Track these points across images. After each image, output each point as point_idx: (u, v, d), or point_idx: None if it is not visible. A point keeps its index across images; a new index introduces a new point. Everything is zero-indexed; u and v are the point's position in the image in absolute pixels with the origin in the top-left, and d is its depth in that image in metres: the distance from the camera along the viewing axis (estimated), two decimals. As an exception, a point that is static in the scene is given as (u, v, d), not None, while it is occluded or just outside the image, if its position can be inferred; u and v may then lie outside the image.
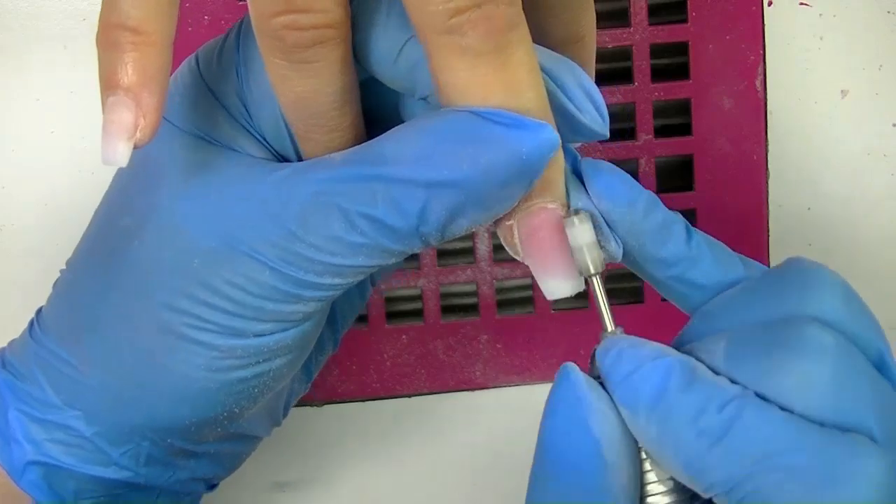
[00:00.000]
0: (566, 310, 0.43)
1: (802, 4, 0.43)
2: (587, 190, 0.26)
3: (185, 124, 0.28)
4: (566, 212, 0.25)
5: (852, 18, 0.43)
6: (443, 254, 0.43)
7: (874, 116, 0.44)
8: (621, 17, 0.41)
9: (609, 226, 0.26)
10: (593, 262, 0.25)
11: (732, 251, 0.27)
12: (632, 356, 0.24)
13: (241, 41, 0.27)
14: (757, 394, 0.23)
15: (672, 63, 0.42)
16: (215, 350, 0.27)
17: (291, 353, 0.29)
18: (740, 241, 0.39)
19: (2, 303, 0.42)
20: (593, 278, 0.25)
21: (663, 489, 0.24)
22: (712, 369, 0.24)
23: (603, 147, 0.41)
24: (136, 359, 0.28)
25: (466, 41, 0.23)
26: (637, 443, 0.24)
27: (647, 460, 0.24)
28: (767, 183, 0.43)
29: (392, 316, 0.43)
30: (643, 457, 0.24)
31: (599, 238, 0.26)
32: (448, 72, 0.24)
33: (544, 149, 0.24)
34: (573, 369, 0.25)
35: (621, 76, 0.42)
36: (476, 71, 0.24)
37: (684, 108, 0.42)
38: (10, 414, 0.30)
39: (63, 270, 0.31)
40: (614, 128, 0.27)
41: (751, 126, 0.42)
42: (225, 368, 0.28)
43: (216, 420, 0.29)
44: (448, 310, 0.43)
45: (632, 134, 0.42)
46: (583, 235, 0.25)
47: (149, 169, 0.28)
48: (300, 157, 0.28)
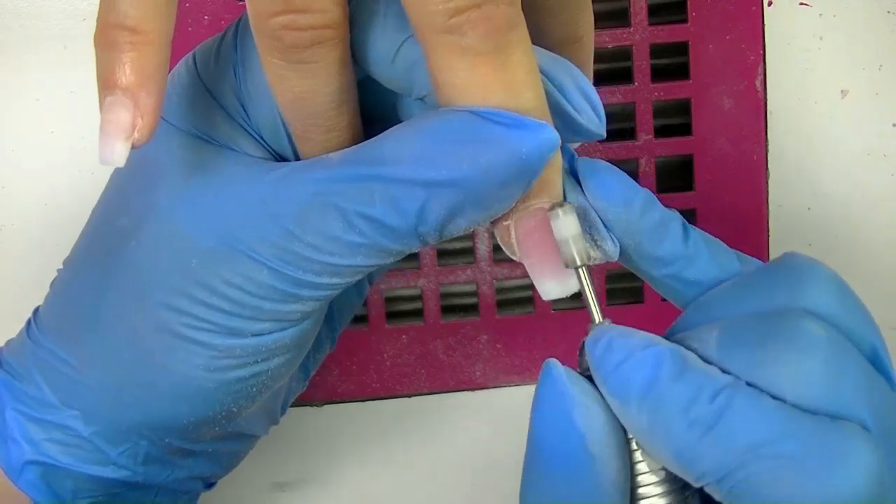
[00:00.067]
0: (566, 310, 0.43)
1: (802, 4, 0.43)
2: (583, 189, 0.26)
3: (183, 124, 0.28)
4: (550, 205, 0.25)
5: (852, 18, 0.43)
6: (443, 254, 0.43)
7: (874, 116, 0.44)
8: (621, 17, 0.41)
9: (605, 225, 0.26)
10: (579, 254, 0.25)
11: (729, 248, 0.27)
12: (622, 345, 0.24)
13: (239, 40, 0.27)
14: (749, 383, 0.23)
15: (672, 63, 0.42)
16: (213, 349, 0.27)
17: (289, 353, 0.29)
18: (740, 242, 0.38)
19: (2, 303, 0.42)
20: (580, 270, 0.25)
21: (655, 479, 0.24)
22: (704, 358, 0.24)
23: (603, 147, 0.41)
24: (134, 358, 0.28)
25: (466, 41, 0.23)
26: (627, 434, 0.24)
27: (638, 451, 0.24)
28: (767, 183, 0.42)
29: (392, 316, 0.43)
30: (634, 447, 0.24)
31: (595, 235, 0.26)
32: (447, 72, 0.24)
33: (544, 149, 0.24)
34: (555, 365, 0.25)
35: (621, 76, 0.42)
36: (476, 71, 0.24)
37: (684, 108, 0.42)
38: (8, 414, 0.30)
39: (60, 270, 0.31)
40: (614, 128, 0.27)
41: (751, 126, 0.42)
42: (223, 368, 0.28)
43: (214, 419, 0.29)
44: (448, 310, 0.43)
45: (632, 134, 0.42)
46: (567, 227, 0.25)
47: (146, 168, 0.28)
48: (298, 157, 0.28)
